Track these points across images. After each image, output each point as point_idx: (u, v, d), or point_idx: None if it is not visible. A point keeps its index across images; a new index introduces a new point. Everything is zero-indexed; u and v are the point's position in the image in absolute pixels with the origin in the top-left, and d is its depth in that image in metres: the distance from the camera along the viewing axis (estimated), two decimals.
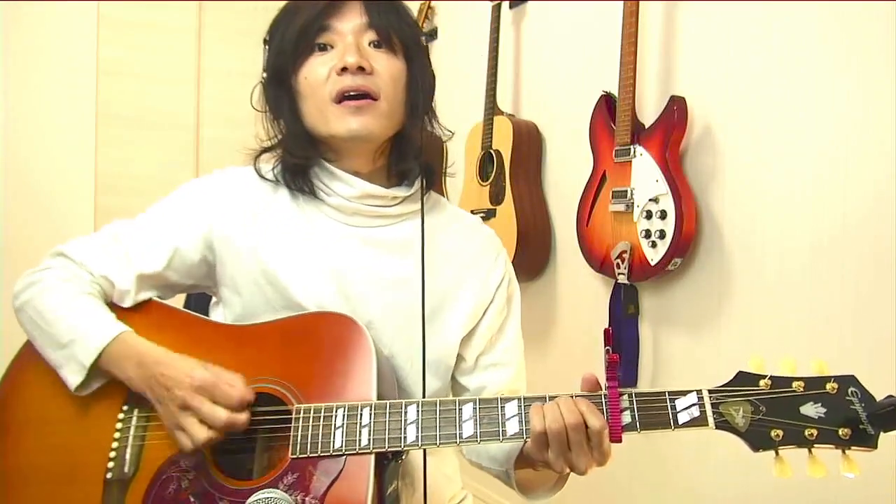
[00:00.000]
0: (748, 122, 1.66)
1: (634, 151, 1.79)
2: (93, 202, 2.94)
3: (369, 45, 1.04)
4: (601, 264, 1.92)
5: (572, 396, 0.89)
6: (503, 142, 2.30)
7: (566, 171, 2.22)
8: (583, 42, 2.18)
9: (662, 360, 1.89)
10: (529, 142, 2.31)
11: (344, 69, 1.00)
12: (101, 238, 1.09)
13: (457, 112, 2.78)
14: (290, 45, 1.04)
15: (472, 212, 2.36)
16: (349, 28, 1.03)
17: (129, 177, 2.98)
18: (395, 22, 1.05)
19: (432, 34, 3.02)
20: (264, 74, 1.08)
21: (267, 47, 1.08)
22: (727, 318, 1.71)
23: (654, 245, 1.74)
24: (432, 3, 2.97)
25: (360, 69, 1.00)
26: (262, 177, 1.10)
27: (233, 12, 3.12)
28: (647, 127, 1.80)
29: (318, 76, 1.02)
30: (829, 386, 0.85)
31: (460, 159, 2.58)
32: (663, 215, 1.71)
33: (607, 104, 1.92)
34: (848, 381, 0.85)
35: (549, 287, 2.30)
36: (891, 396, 0.82)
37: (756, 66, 1.65)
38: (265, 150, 1.10)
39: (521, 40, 2.48)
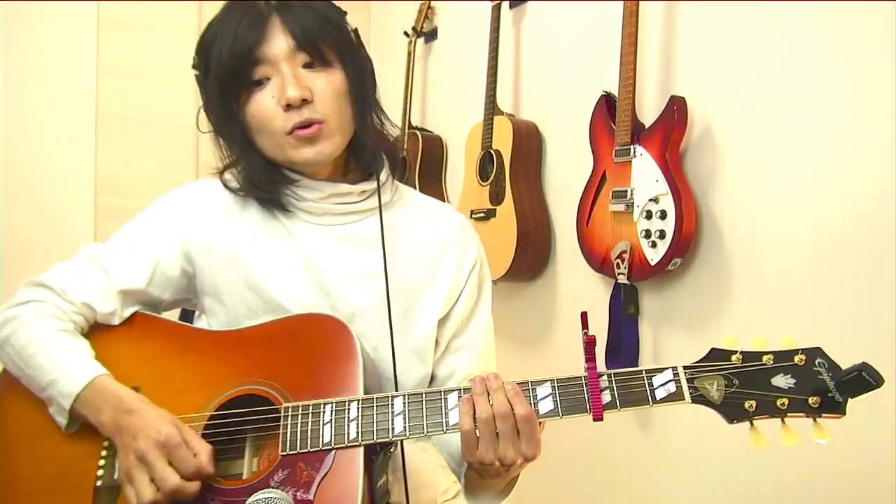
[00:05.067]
0: (748, 122, 1.66)
1: (634, 151, 1.79)
2: (93, 202, 2.93)
3: (304, 67, 1.03)
4: (601, 264, 1.92)
5: (554, 381, 0.92)
6: (503, 142, 2.30)
7: (566, 171, 2.22)
8: (583, 42, 2.18)
9: (662, 360, 1.88)
10: (529, 142, 2.31)
11: (289, 105, 1.00)
12: (79, 263, 1.09)
13: (457, 112, 2.78)
14: (227, 82, 1.03)
15: (471, 212, 2.37)
16: (280, 55, 1.01)
17: (129, 177, 2.97)
18: (319, 31, 1.03)
19: (432, 34, 3.02)
20: (203, 103, 1.10)
21: (198, 77, 1.09)
22: (727, 318, 1.71)
23: (654, 245, 1.74)
24: (432, 3, 2.97)
25: (304, 101, 1.00)
26: (232, 191, 1.11)
27: None
28: (647, 127, 1.80)
29: (264, 113, 1.03)
30: (797, 358, 0.89)
31: (460, 159, 2.58)
32: (663, 215, 1.71)
33: (607, 104, 1.92)
34: (815, 352, 0.90)
35: (549, 287, 2.30)
36: (856, 364, 0.86)
37: (756, 66, 1.65)
38: (228, 167, 1.11)
39: (521, 40, 2.48)
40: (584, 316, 0.94)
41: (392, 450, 1.00)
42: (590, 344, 0.92)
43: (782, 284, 1.59)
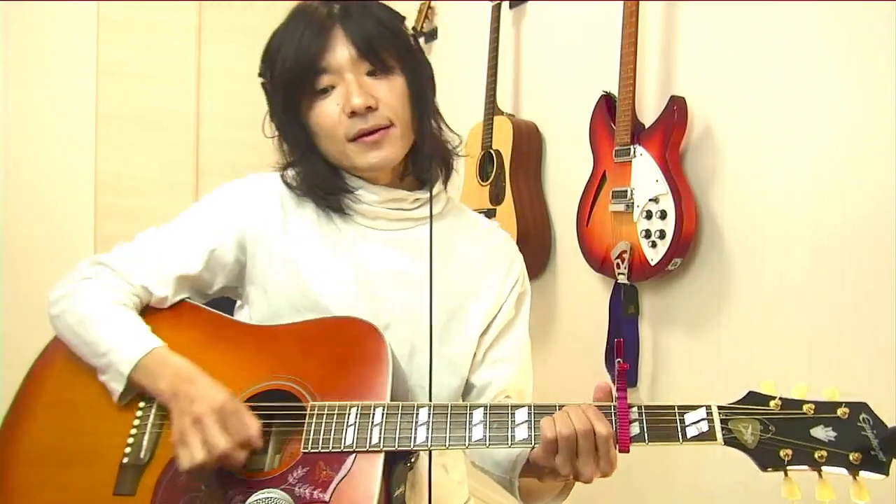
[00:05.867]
0: (748, 122, 1.66)
1: (634, 151, 1.79)
2: (93, 202, 2.93)
3: (367, 75, 1.05)
4: (601, 264, 1.92)
5: (581, 406, 0.91)
6: (503, 142, 2.30)
7: (566, 171, 2.23)
8: (583, 42, 2.19)
9: (662, 360, 1.89)
10: (529, 142, 2.32)
11: (353, 112, 1.02)
12: (138, 247, 1.12)
13: (457, 112, 2.78)
14: (291, 90, 1.05)
15: None
16: (344, 64, 1.03)
17: (129, 177, 2.98)
18: (381, 39, 1.05)
19: (432, 34, 3.02)
20: (269, 109, 1.11)
21: (264, 84, 1.10)
22: (727, 318, 1.71)
23: (654, 245, 1.74)
24: (432, 3, 2.97)
25: (368, 108, 1.03)
26: (291, 189, 1.13)
27: (233, 12, 3.13)
28: (647, 127, 1.80)
29: (329, 119, 1.04)
30: (839, 411, 0.85)
31: (460, 159, 2.58)
32: (663, 215, 1.71)
33: (607, 104, 1.92)
34: (860, 407, 0.86)
35: (549, 287, 2.30)
36: None
37: (756, 66, 1.65)
38: (289, 165, 1.13)
39: (521, 40, 2.48)
40: (618, 345, 0.94)
41: (413, 461, 1.01)
42: (622, 372, 0.89)
43: (782, 284, 1.59)
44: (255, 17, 3.11)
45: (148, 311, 1.10)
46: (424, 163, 1.12)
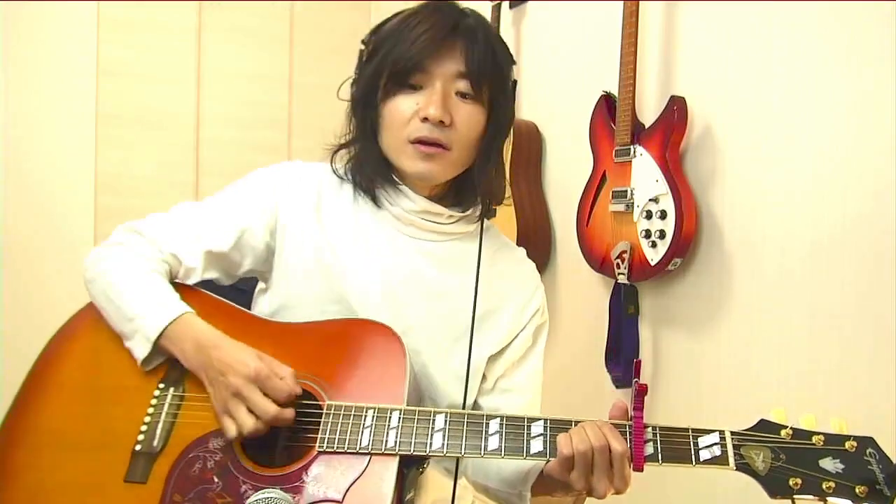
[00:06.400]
0: (748, 122, 1.66)
1: (634, 151, 1.79)
2: (93, 202, 2.93)
3: (457, 94, 1.06)
4: (601, 264, 1.92)
5: (597, 422, 0.92)
6: None
7: (566, 171, 2.23)
8: (583, 42, 2.19)
9: (662, 360, 1.89)
10: (529, 142, 2.32)
11: (426, 118, 1.04)
12: (173, 217, 1.15)
13: None
14: (385, 76, 1.07)
15: None
16: (442, 74, 1.05)
17: (129, 177, 2.97)
18: (490, 71, 1.07)
19: None
20: (355, 76, 1.13)
21: (363, 52, 1.12)
22: (727, 317, 1.71)
23: (654, 245, 1.74)
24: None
25: (441, 122, 1.04)
26: (336, 175, 1.15)
27: (233, 12, 3.12)
28: (647, 127, 1.80)
29: (401, 114, 1.06)
30: (847, 444, 0.88)
31: None
32: (663, 215, 1.71)
33: (607, 104, 1.92)
34: (867, 442, 0.88)
35: (549, 287, 2.29)
36: None
37: (756, 66, 1.65)
38: (342, 147, 1.15)
39: (521, 40, 2.48)
40: (637, 364, 0.96)
41: (426, 466, 1.02)
42: (640, 392, 0.91)
43: (782, 284, 1.59)
44: (255, 17, 3.11)
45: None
46: (468, 194, 1.14)
